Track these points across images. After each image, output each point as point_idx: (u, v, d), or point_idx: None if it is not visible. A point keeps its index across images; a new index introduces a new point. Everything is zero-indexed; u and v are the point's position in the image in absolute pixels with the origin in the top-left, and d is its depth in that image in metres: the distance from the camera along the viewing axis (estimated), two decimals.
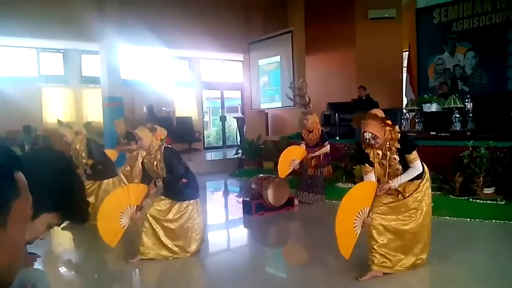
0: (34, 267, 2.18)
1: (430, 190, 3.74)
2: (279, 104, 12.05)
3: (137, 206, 4.22)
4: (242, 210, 6.49)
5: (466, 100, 6.91)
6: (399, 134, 3.48)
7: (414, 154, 3.47)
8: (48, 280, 2.02)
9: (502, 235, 5.01)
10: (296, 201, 6.78)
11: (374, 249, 3.59)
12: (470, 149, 5.95)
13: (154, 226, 4.27)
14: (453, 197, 5.95)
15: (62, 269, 4.56)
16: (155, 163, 4.19)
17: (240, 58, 14.29)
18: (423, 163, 3.65)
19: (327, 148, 6.69)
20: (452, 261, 4.07)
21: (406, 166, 3.49)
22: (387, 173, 3.53)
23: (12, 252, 0.76)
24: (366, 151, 3.57)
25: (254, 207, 6.23)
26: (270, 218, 6.19)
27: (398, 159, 3.47)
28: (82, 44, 11.60)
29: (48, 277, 2.07)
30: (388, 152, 3.49)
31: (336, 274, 3.88)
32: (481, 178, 5.77)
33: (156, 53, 13.35)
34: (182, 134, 13.34)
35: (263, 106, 12.94)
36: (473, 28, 9.70)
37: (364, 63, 10.92)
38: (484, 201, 5.67)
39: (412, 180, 3.56)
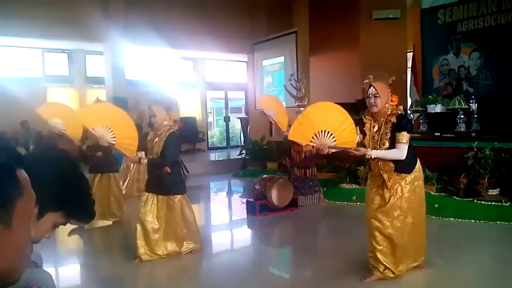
0: (40, 268, 2.18)
1: (423, 191, 3.67)
2: (283, 105, 12.03)
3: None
4: (246, 210, 6.49)
5: (471, 101, 6.87)
6: (400, 112, 3.45)
7: (404, 135, 3.38)
8: (54, 282, 2.02)
9: (507, 237, 4.99)
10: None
11: (377, 258, 3.57)
12: (475, 150, 5.93)
13: (145, 228, 4.28)
14: (458, 198, 5.93)
15: (66, 270, 4.58)
16: (156, 139, 4.25)
17: (244, 59, 14.29)
18: (418, 160, 3.60)
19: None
20: (456, 262, 4.06)
21: (393, 146, 3.43)
22: (374, 148, 3.49)
23: (18, 250, 0.77)
24: (364, 120, 3.57)
25: (258, 207, 6.24)
26: (274, 218, 6.19)
27: (390, 135, 3.44)
28: (87, 44, 11.65)
29: (54, 279, 2.08)
30: (383, 126, 3.47)
31: (340, 275, 3.88)
32: (486, 180, 5.74)
33: (160, 54, 13.37)
34: (186, 134, 13.33)
35: None
36: (478, 28, 9.65)
37: (369, 63, 10.86)
38: (489, 203, 5.65)
39: (399, 172, 3.48)
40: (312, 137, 3.32)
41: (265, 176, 6.76)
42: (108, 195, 5.80)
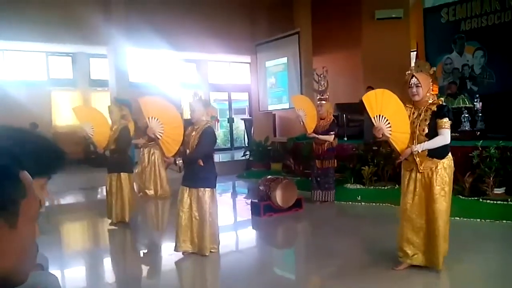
0: (46, 271, 2.19)
1: (451, 182, 3.71)
2: (287, 105, 12.02)
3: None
4: (250, 211, 6.49)
5: (475, 100, 6.85)
6: (440, 102, 3.65)
7: (447, 121, 3.55)
8: (59, 284, 2.03)
9: None
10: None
11: (412, 245, 3.72)
12: (480, 149, 5.90)
13: (182, 220, 4.40)
14: (463, 197, 5.89)
15: (72, 272, 4.59)
16: (193, 133, 4.37)
17: (247, 60, 14.30)
18: (451, 153, 3.70)
19: (330, 137, 6.71)
20: (463, 261, 4.04)
21: (433, 132, 3.57)
22: (415, 135, 3.62)
23: (25, 251, 0.78)
24: (405, 108, 3.72)
25: (262, 208, 6.23)
26: (278, 219, 6.19)
27: (429, 122, 3.59)
28: (90, 47, 11.71)
29: (59, 281, 2.09)
30: (423, 113, 3.63)
31: (344, 275, 3.88)
32: (491, 178, 5.71)
33: (163, 56, 13.40)
34: None
35: (270, 108, 12.93)
36: (482, 27, 9.62)
37: (372, 63, 10.86)
38: (494, 202, 5.62)
39: (431, 156, 3.60)
40: (376, 116, 3.53)
41: (269, 177, 6.76)
42: (121, 196, 5.81)
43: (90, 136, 5.74)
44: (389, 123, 3.54)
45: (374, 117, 3.54)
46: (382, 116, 3.53)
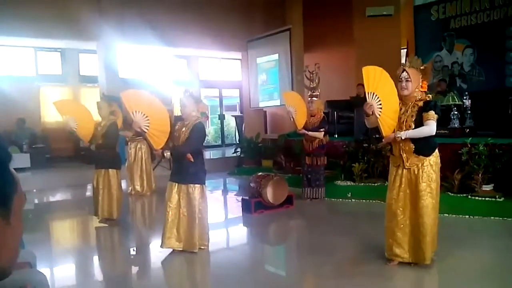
0: (34, 269, 2.17)
1: (439, 179, 3.72)
2: (278, 102, 12.02)
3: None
4: (241, 208, 6.49)
5: (465, 97, 6.90)
6: (427, 99, 3.68)
7: (432, 114, 3.57)
8: (48, 282, 2.01)
9: (501, 232, 5.02)
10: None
11: (395, 241, 3.76)
12: (469, 146, 5.95)
13: (169, 216, 4.38)
14: (452, 194, 5.95)
15: (60, 270, 4.56)
16: (183, 129, 4.36)
17: (239, 56, 14.27)
18: (438, 150, 3.71)
19: (320, 134, 6.74)
20: (452, 257, 4.08)
21: (419, 126, 3.61)
22: (402, 131, 3.67)
23: (16, 244, 0.80)
24: None
25: (253, 205, 6.24)
26: (269, 216, 6.19)
27: (415, 118, 3.62)
28: (80, 43, 11.58)
29: (48, 279, 2.07)
30: (410, 109, 3.66)
31: (335, 272, 3.89)
32: (480, 175, 5.77)
33: (154, 52, 13.32)
34: None
35: (261, 104, 12.92)
36: (471, 25, 9.69)
37: (363, 60, 10.77)
38: (483, 198, 5.68)
39: (418, 153, 3.63)
40: (370, 92, 3.58)
41: (260, 173, 6.75)
42: (109, 192, 5.77)
43: (74, 130, 5.69)
44: (380, 103, 3.58)
45: (368, 93, 3.58)
46: (376, 95, 3.57)
